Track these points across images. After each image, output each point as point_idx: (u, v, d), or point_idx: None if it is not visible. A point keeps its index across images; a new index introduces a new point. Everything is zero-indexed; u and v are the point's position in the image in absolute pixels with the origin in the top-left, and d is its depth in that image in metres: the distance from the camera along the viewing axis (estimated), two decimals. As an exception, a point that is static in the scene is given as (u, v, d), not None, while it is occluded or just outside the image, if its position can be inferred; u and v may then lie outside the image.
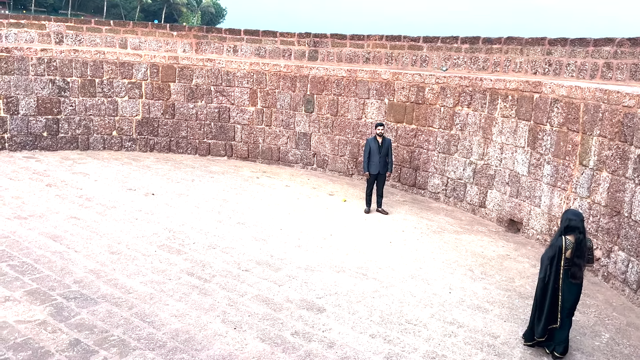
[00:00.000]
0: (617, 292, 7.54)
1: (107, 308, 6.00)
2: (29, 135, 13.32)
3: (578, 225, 5.59)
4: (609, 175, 7.81)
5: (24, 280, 6.50)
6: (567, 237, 5.60)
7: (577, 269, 5.59)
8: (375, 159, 10.27)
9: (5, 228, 8.13)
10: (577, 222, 5.60)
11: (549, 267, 5.64)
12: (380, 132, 10.28)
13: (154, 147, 14.48)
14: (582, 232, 5.60)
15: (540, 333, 5.81)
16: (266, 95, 14.06)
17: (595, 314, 6.87)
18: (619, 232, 7.55)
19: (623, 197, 7.49)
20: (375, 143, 10.30)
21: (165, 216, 9.37)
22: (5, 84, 12.85)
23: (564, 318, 5.71)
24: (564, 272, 5.61)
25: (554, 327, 5.75)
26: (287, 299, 6.61)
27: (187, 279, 6.96)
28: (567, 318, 5.74)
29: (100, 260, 7.28)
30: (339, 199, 11.35)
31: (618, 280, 7.58)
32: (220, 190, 11.29)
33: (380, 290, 7.11)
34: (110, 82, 13.90)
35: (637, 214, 7.15)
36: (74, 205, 9.50)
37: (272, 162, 14.28)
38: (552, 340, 5.81)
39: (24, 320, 5.60)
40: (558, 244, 5.61)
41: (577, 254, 5.57)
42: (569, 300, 5.68)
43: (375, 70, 12.80)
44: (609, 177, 7.81)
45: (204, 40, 14.99)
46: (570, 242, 5.57)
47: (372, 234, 9.32)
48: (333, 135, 13.52)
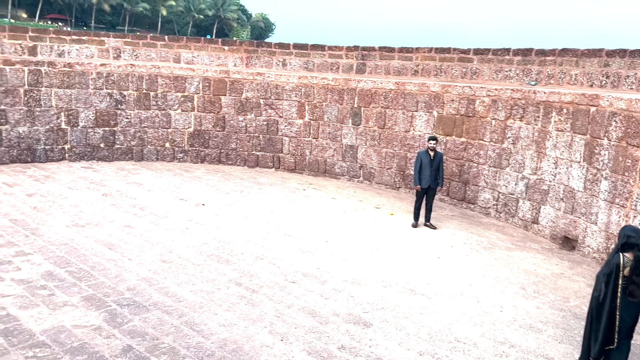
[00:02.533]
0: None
1: (158, 316, 6.15)
2: (87, 146, 13.91)
3: (637, 242, 5.35)
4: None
5: (81, 286, 6.75)
6: (625, 255, 5.35)
7: (635, 287, 5.31)
8: (426, 173, 10.16)
9: (65, 235, 8.49)
10: (636, 238, 5.37)
11: (604, 285, 5.38)
12: (433, 146, 10.17)
13: (205, 159, 14.82)
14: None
15: (596, 354, 5.50)
16: (314, 108, 14.18)
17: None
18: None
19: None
20: (426, 156, 10.19)
21: (214, 226, 9.55)
22: (66, 98, 13.49)
23: (622, 339, 5.40)
24: (622, 290, 5.34)
25: (610, 348, 5.46)
26: (333, 312, 6.58)
27: (235, 289, 7.05)
28: (624, 339, 5.42)
29: (152, 269, 7.48)
30: (386, 213, 11.26)
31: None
32: (267, 202, 11.42)
33: (429, 306, 6.98)
34: (164, 96, 14.37)
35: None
36: (128, 215, 9.82)
37: (319, 174, 14.34)
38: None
39: (80, 325, 5.80)
40: (615, 262, 5.37)
41: (635, 272, 5.31)
42: (626, 320, 5.37)
43: (424, 83, 12.69)
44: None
45: (254, 55, 15.29)
46: (628, 259, 5.33)
47: (420, 249, 9.18)
48: (380, 148, 13.46)
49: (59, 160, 13.58)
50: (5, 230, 8.44)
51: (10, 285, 6.57)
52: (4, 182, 11.26)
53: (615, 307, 5.38)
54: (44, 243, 8.06)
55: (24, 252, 7.64)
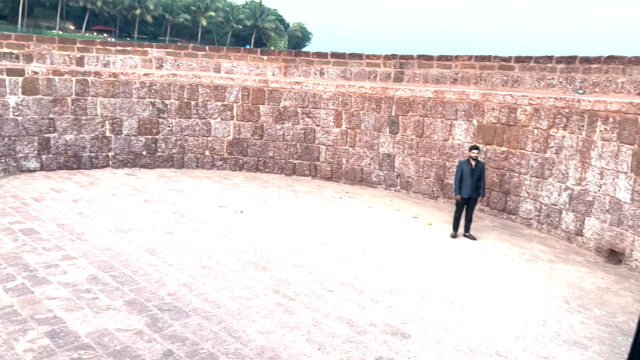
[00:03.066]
0: None
1: (197, 321, 6.24)
2: (130, 154, 14.30)
3: None
4: None
5: (124, 290, 6.92)
6: None
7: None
8: (467, 183, 10.01)
9: (109, 240, 8.73)
10: None
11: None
12: (475, 156, 10.02)
13: (243, 167, 15.02)
14: None
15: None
16: (351, 117, 14.19)
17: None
18: None
19: None
20: (467, 166, 10.04)
21: (252, 233, 9.64)
22: (111, 106, 13.92)
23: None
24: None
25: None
26: (370, 322, 6.54)
27: (273, 296, 7.09)
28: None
29: (192, 274, 7.61)
30: (424, 222, 11.13)
31: None
32: (304, 210, 11.47)
33: (468, 318, 6.85)
34: (205, 105, 14.65)
35: None
36: (169, 221, 10.03)
37: (355, 182, 14.32)
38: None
39: (123, 329, 5.94)
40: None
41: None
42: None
43: (464, 91, 12.54)
44: None
45: (292, 64, 15.44)
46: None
47: (459, 260, 9.03)
48: (418, 156, 13.35)
49: (103, 167, 14.01)
50: (52, 235, 8.74)
51: (57, 288, 6.79)
52: (52, 188, 11.68)
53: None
54: (88, 248, 8.31)
55: (70, 256, 7.89)
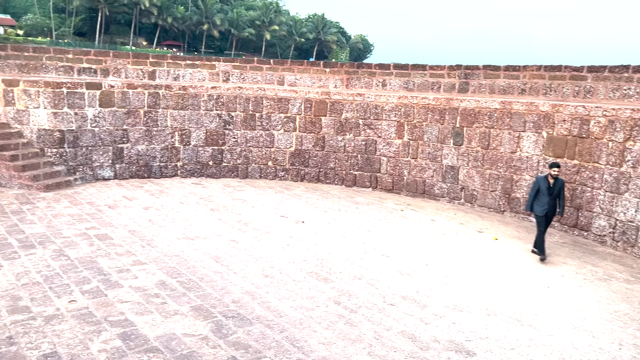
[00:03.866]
0: None
1: (260, 329, 6.33)
2: (197, 164, 14.79)
3: None
4: None
5: (190, 296, 7.13)
6: None
7: None
8: (543, 200, 9.47)
9: (177, 247, 9.05)
10: None
11: None
12: (555, 174, 9.41)
13: (304, 177, 15.18)
14: None
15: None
16: (413, 128, 14.04)
17: None
18: None
19: None
20: (545, 183, 9.47)
21: (313, 244, 9.70)
22: (180, 118, 14.48)
23: None
24: None
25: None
26: (434, 339, 6.40)
27: (334, 307, 7.09)
28: None
29: (255, 283, 7.74)
30: (489, 237, 10.80)
31: None
32: (365, 221, 11.42)
33: (537, 338, 6.56)
34: (269, 116, 14.96)
35: None
36: (233, 229, 10.27)
37: (417, 195, 14.12)
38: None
39: (189, 334, 6.12)
40: None
41: None
42: None
43: (532, 102, 12.13)
44: None
45: (354, 76, 15.51)
46: None
47: (527, 277, 8.69)
48: (483, 169, 13.00)
49: (172, 176, 14.57)
50: (124, 241, 9.16)
51: (129, 292, 7.10)
52: (124, 196, 12.25)
53: None
54: (157, 254, 8.64)
55: (140, 262, 8.23)
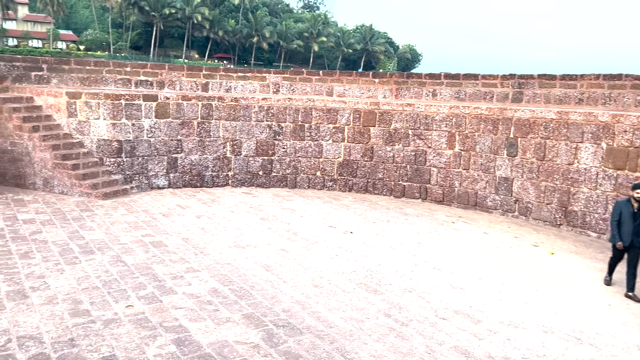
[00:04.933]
0: None
1: (311, 339, 6.33)
2: (248, 174, 15.03)
3: None
4: None
5: (241, 304, 7.22)
6: None
7: None
8: (627, 228, 8.42)
9: (228, 255, 9.20)
10: None
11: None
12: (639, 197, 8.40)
13: (352, 188, 15.15)
14: None
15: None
16: (465, 139, 13.79)
17: None
18: None
19: None
20: (628, 208, 8.47)
21: (362, 255, 9.64)
22: (232, 129, 14.79)
23: None
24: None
25: None
26: (488, 355, 6.21)
27: (384, 320, 7.00)
28: None
29: (304, 292, 7.75)
30: (545, 251, 10.44)
31: None
32: (414, 233, 11.27)
33: (598, 358, 6.26)
34: (317, 127, 15.06)
35: None
36: (282, 239, 10.35)
37: (469, 207, 13.83)
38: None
39: (241, 342, 6.18)
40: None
41: None
42: None
43: (591, 112, 11.69)
44: None
45: (403, 86, 15.41)
46: None
47: (586, 293, 8.33)
48: (539, 181, 12.60)
49: (223, 185, 14.86)
50: (178, 248, 9.39)
51: (182, 299, 7.26)
52: (178, 204, 12.58)
53: None
54: (210, 262, 8.81)
55: (194, 269, 8.41)
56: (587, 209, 11.72)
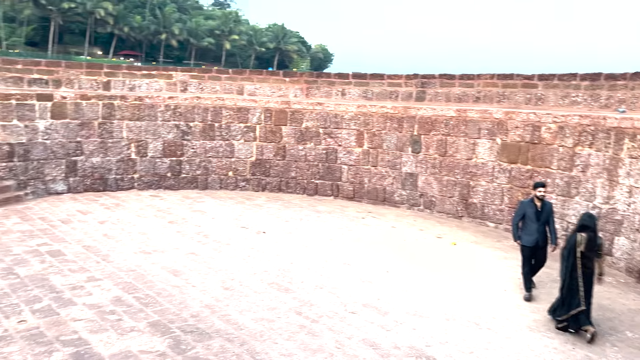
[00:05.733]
0: None
1: (220, 343, 6.22)
2: (155, 176, 14.51)
3: (590, 225, 6.82)
4: None
5: (147, 311, 6.96)
6: (582, 234, 6.78)
7: (587, 260, 6.77)
8: (531, 228, 8.17)
9: (132, 261, 8.82)
10: (590, 222, 6.86)
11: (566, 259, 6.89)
12: (542, 195, 8.18)
13: (265, 187, 15.09)
14: (594, 230, 6.82)
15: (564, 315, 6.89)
16: (372, 137, 14.19)
17: None
18: None
19: None
20: (532, 207, 8.21)
21: (275, 254, 9.64)
22: (136, 129, 14.19)
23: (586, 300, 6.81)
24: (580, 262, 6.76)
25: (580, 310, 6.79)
26: (394, 345, 6.43)
27: (295, 318, 7.04)
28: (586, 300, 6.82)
29: (214, 296, 7.62)
30: (448, 242, 10.99)
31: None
32: (327, 230, 11.43)
33: (495, 341, 6.69)
34: (228, 126, 14.83)
35: None
36: (192, 242, 10.10)
37: (378, 202, 14.25)
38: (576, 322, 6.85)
39: (146, 351, 5.96)
40: (573, 240, 6.86)
41: (588, 247, 6.76)
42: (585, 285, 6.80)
43: (487, 110, 12.45)
44: None
45: (314, 85, 15.58)
46: (582, 237, 6.76)
47: (485, 281, 8.86)
48: (441, 176, 13.24)
49: (129, 189, 14.23)
50: (78, 257, 8.87)
51: (82, 310, 6.87)
52: (78, 210, 11.89)
53: (577, 276, 6.84)
54: (113, 269, 8.40)
55: (95, 278, 7.99)
56: (485, 200, 12.48)
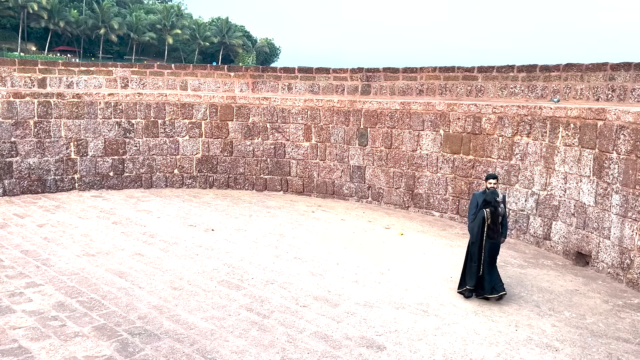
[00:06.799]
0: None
1: (169, 344, 6.11)
2: (97, 175, 14.02)
3: (491, 201, 7.68)
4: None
5: (92, 315, 6.74)
6: (486, 210, 7.67)
7: (491, 231, 7.69)
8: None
9: (75, 265, 8.51)
10: (491, 198, 7.71)
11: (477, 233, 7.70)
12: (493, 187, 8.00)
13: (213, 184, 14.88)
14: (494, 205, 7.68)
15: (473, 283, 7.76)
16: (320, 131, 14.24)
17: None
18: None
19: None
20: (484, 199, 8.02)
21: (224, 252, 9.53)
22: (75, 128, 13.66)
23: (488, 266, 7.71)
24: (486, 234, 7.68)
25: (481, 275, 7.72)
26: (345, 336, 6.51)
27: (246, 314, 7.00)
28: (490, 266, 7.72)
29: (163, 296, 7.46)
30: (396, 233, 11.20)
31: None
32: (277, 225, 11.41)
33: (442, 327, 6.89)
34: (172, 123, 14.51)
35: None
36: (138, 242, 9.84)
37: (327, 195, 14.34)
38: (482, 288, 7.74)
39: (92, 356, 5.77)
40: (481, 215, 7.70)
41: (492, 221, 7.69)
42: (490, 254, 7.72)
43: (429, 102, 12.74)
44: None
45: (259, 80, 15.45)
46: (488, 212, 7.67)
47: (432, 269, 9.10)
48: (387, 168, 13.46)
49: (69, 189, 13.69)
50: (16, 262, 8.48)
51: (22, 317, 6.57)
52: (15, 214, 11.34)
53: (482, 246, 7.69)
54: (55, 273, 8.08)
55: (35, 283, 7.66)
56: (431, 191, 12.80)
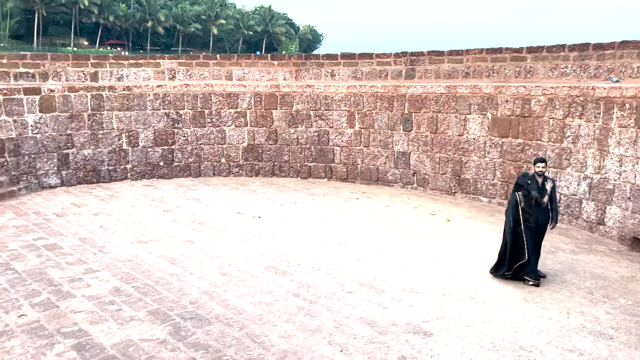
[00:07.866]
0: None
1: (220, 328, 6.30)
2: (148, 165, 14.48)
3: (522, 184, 7.52)
4: None
5: (146, 300, 7.01)
6: (519, 193, 7.53)
7: (528, 215, 7.47)
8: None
9: (130, 252, 8.86)
10: (522, 181, 7.57)
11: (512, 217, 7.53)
12: (541, 171, 7.65)
13: (259, 172, 15.11)
14: (526, 188, 7.47)
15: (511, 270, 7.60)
16: (364, 117, 14.18)
17: None
18: None
19: None
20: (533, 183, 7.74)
21: (270, 238, 9.69)
22: (126, 119, 14.13)
23: (530, 254, 7.46)
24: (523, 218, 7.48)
25: (523, 262, 7.49)
26: (392, 322, 6.53)
27: (293, 300, 7.12)
28: (532, 255, 7.48)
29: (212, 282, 7.68)
30: (442, 219, 11.07)
31: None
32: (321, 212, 11.49)
33: (490, 314, 6.79)
34: (218, 113, 14.78)
35: None
36: (188, 230, 10.13)
37: (371, 182, 14.30)
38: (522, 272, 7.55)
39: (147, 339, 6.02)
40: (514, 199, 7.57)
41: (526, 204, 7.48)
42: (530, 240, 7.46)
43: (476, 85, 12.45)
44: None
45: (302, 67, 15.49)
46: (521, 196, 7.51)
47: (480, 255, 8.96)
48: (433, 153, 13.28)
49: (122, 179, 14.22)
50: (75, 249, 8.90)
51: (82, 302, 6.92)
52: (73, 203, 11.88)
53: (522, 231, 7.47)
54: (110, 260, 8.44)
55: (93, 270, 8.03)
56: (478, 176, 12.55)
